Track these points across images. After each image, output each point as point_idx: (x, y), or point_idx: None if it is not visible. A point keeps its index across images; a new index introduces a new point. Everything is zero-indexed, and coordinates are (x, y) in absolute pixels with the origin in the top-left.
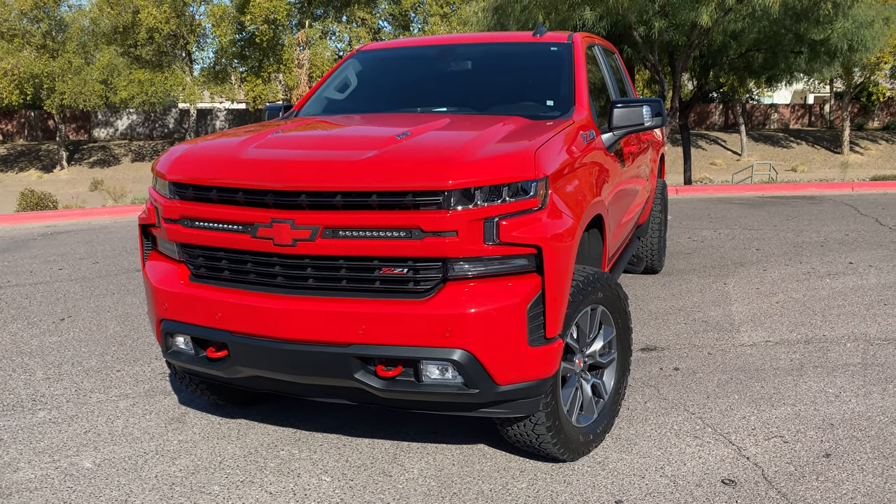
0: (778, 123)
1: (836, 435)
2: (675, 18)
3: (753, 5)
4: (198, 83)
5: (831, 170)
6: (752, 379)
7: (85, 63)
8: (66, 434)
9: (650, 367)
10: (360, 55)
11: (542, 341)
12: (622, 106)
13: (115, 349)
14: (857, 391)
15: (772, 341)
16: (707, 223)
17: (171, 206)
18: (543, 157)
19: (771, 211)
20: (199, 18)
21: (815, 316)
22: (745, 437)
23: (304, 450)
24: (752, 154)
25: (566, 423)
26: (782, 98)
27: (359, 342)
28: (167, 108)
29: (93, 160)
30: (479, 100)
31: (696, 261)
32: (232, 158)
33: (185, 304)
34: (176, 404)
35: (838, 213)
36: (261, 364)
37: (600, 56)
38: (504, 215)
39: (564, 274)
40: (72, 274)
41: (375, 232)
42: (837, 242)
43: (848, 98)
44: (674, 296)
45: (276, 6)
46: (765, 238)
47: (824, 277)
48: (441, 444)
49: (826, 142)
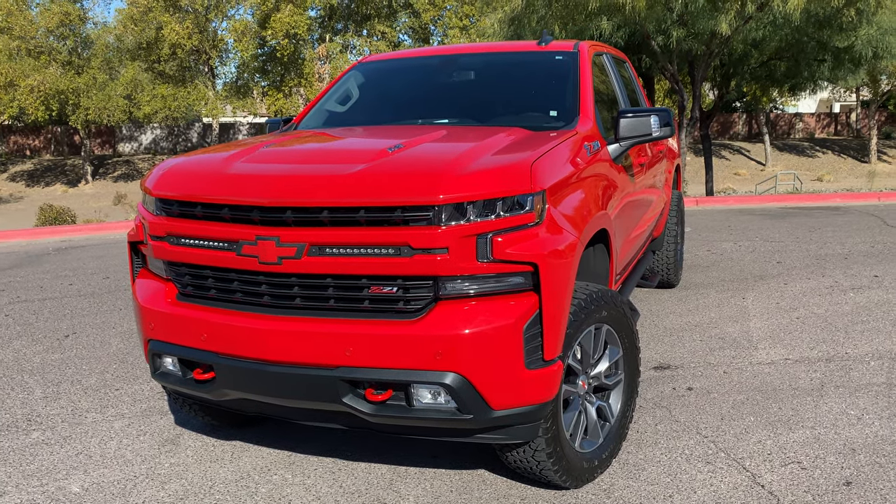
0: (803, 133)
1: (857, 461)
2: (694, 27)
3: (774, 13)
4: (220, 98)
5: (858, 179)
6: (769, 400)
7: (109, 79)
8: (58, 456)
9: (662, 387)
10: (362, 67)
11: (539, 364)
12: (629, 116)
13: (115, 367)
14: (881, 413)
15: (791, 359)
16: (727, 235)
17: (157, 223)
18: (541, 169)
19: (793, 222)
20: (222, 34)
21: (838, 332)
22: (761, 463)
23: (297, 474)
24: (777, 164)
25: (568, 449)
26: (807, 107)
27: (346, 365)
28: (190, 122)
29: (117, 174)
30: (481, 110)
31: (714, 274)
32: (218, 173)
33: (172, 324)
34: (172, 425)
35: (864, 225)
36: (247, 387)
37: (609, 65)
38: (498, 231)
39: (564, 292)
40: (81, 289)
41: (363, 249)
42: (862, 255)
43: (875, 106)
44: (690, 311)
45: (297, 21)
46: (786, 250)
47: (848, 291)
48: (440, 470)
49: (853, 151)
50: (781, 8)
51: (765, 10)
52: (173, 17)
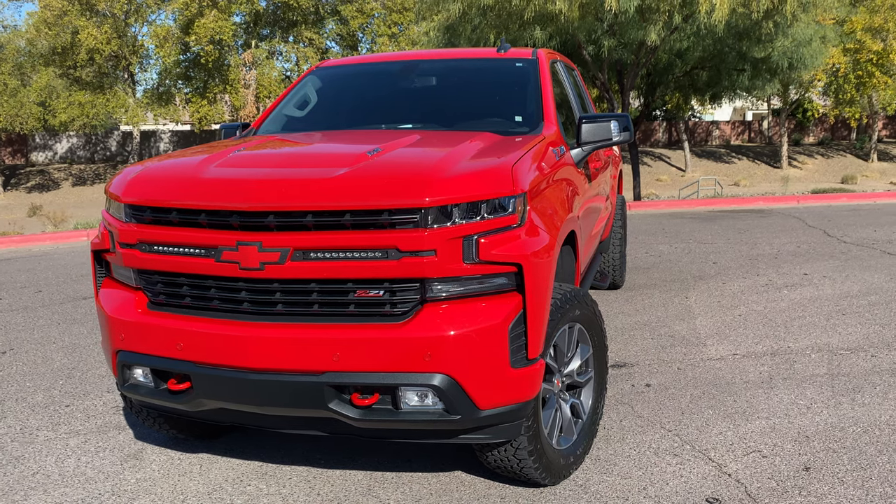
0: (719, 140)
1: (812, 447)
2: (624, 37)
3: (699, 24)
4: (141, 105)
5: (772, 184)
6: (723, 393)
7: (21, 85)
8: (12, 477)
9: (622, 384)
10: (320, 71)
11: (524, 362)
12: (590, 121)
13: (62, 383)
14: (827, 402)
15: (739, 354)
16: (662, 238)
17: (127, 230)
18: (520, 172)
19: (723, 225)
20: (142, 39)
21: (778, 328)
22: (725, 454)
23: (271, 484)
24: (696, 170)
25: (548, 446)
26: (723, 115)
27: (333, 370)
28: (109, 130)
29: (31, 185)
30: (444, 116)
31: (655, 275)
32: (192, 178)
33: (144, 333)
34: (132, 440)
35: (787, 226)
36: (227, 396)
37: (563, 72)
38: (483, 233)
39: (545, 292)
40: (12, 304)
41: (349, 253)
42: (790, 254)
43: (785, 115)
44: (638, 311)
45: (222, 27)
46: (720, 251)
47: (782, 289)
48: (417, 473)
49: (766, 157)
50: (706, 20)
51: (690, 21)
52: (90, 21)
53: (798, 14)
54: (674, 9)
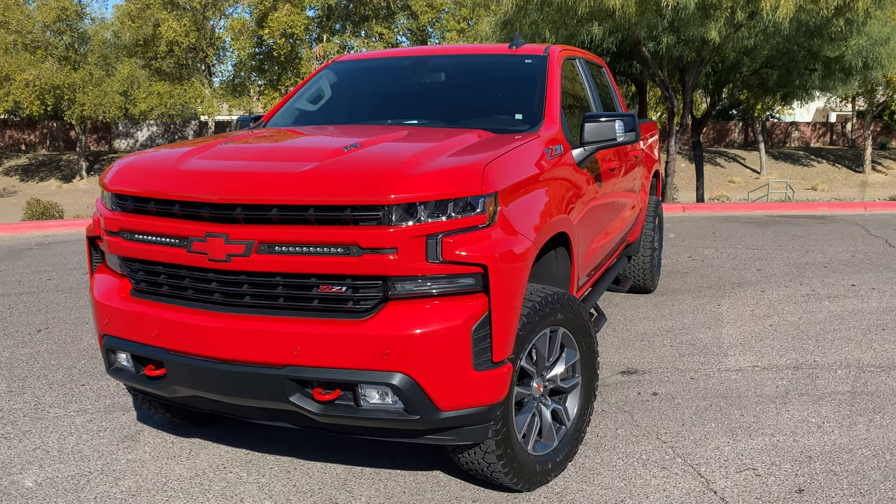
0: (799, 142)
1: (812, 469)
2: (685, 34)
3: (765, 22)
4: (216, 96)
5: (851, 189)
6: (732, 406)
7: (106, 75)
8: (15, 451)
9: (628, 392)
10: (335, 66)
11: (488, 365)
12: (594, 120)
13: (84, 362)
14: (841, 421)
15: (759, 366)
16: (710, 242)
17: (111, 218)
18: (494, 171)
19: (778, 230)
20: (219, 32)
21: (809, 340)
22: (716, 469)
23: (252, 473)
24: (772, 172)
25: (520, 451)
26: (804, 116)
27: (294, 364)
28: (186, 119)
29: None
30: (449, 112)
31: (692, 280)
32: (171, 170)
33: (125, 319)
34: (133, 421)
35: (847, 234)
36: (197, 384)
37: (582, 69)
38: (448, 232)
39: (514, 294)
40: (59, 284)
41: (312, 248)
42: (842, 263)
43: (870, 117)
44: (664, 317)
45: (295, 21)
46: (767, 258)
47: (823, 300)
48: (395, 471)
49: (847, 160)
50: (771, 17)
51: (755, 19)
52: (171, 14)
53: (872, 11)
54: (737, 5)
